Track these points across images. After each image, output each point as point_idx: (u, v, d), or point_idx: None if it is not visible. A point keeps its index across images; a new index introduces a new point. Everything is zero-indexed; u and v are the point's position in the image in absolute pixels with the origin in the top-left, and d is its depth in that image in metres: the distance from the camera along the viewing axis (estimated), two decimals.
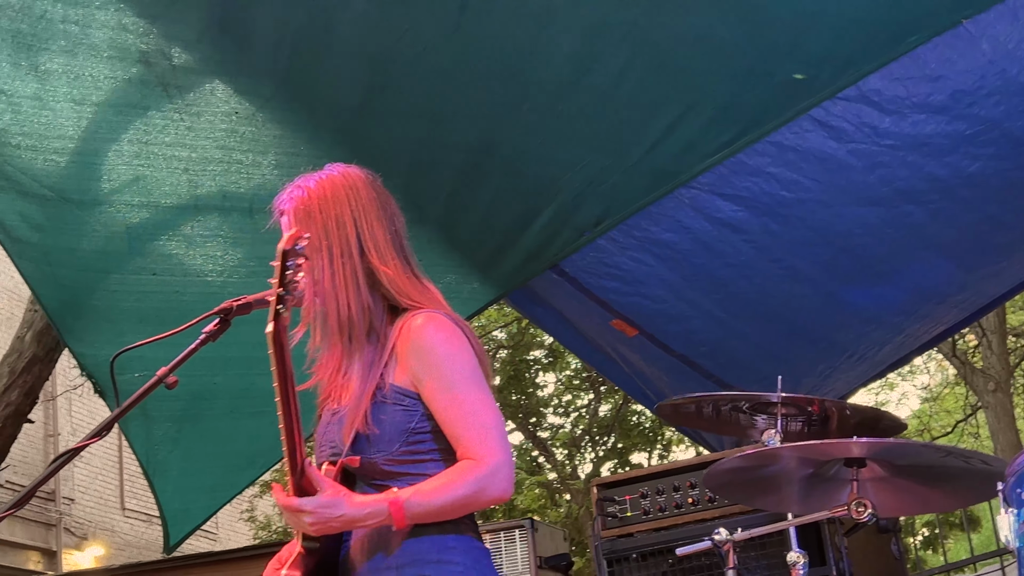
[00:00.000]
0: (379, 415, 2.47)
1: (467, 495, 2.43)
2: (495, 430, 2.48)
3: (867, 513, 3.00)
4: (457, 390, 2.48)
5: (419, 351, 2.49)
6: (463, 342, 2.53)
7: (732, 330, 5.41)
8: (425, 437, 2.49)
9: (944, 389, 18.84)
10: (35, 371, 7.28)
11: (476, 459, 2.43)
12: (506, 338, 17.05)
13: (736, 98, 4.25)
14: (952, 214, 4.86)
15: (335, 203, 2.58)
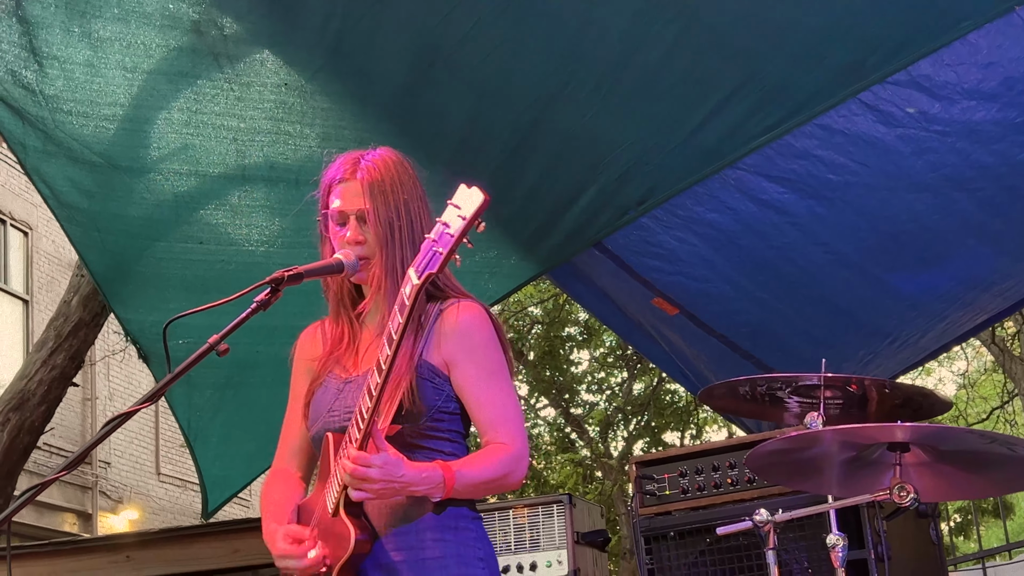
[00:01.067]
0: (420, 390, 2.55)
1: (499, 476, 2.56)
2: (520, 421, 2.65)
3: (909, 498, 3.00)
4: (495, 379, 2.62)
5: (460, 337, 2.60)
6: (497, 335, 2.66)
7: (774, 312, 5.41)
8: (447, 416, 2.61)
9: (981, 376, 18.73)
10: (81, 335, 7.34)
11: (507, 444, 2.57)
12: (541, 314, 17.06)
13: (786, 80, 4.24)
14: (1000, 202, 4.83)
15: (402, 188, 2.67)
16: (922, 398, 3.85)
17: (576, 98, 4.26)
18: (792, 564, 4.01)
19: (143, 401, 2.57)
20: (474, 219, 2.27)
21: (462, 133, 4.40)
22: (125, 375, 18.60)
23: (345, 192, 2.67)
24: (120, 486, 18.70)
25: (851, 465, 3.23)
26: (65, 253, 17.21)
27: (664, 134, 4.41)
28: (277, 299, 2.59)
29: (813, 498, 3.82)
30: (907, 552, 4.20)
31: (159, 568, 5.09)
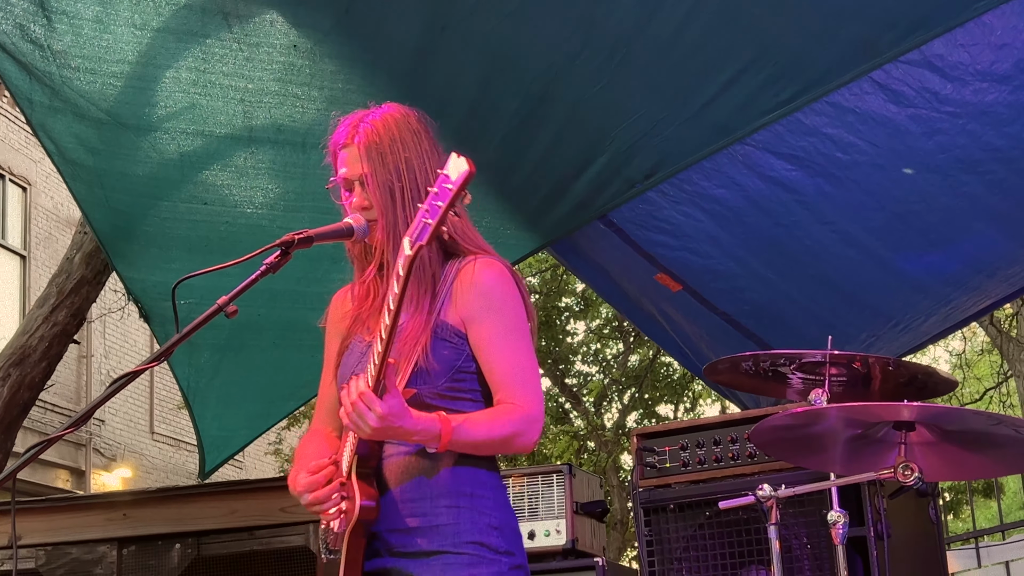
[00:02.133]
0: (436, 350, 2.53)
1: (505, 436, 2.51)
2: (538, 382, 2.60)
3: (914, 477, 3.01)
4: (512, 337, 2.57)
5: (479, 293, 2.56)
6: (519, 292, 2.61)
7: (778, 291, 5.39)
8: (467, 376, 2.57)
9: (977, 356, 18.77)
10: (83, 292, 7.31)
11: (519, 405, 2.52)
12: (539, 283, 17.06)
13: (798, 56, 4.22)
14: (1009, 186, 4.81)
15: (403, 146, 2.62)
16: (926, 377, 3.85)
17: (587, 68, 4.23)
18: (791, 540, 4.02)
19: (151, 360, 2.58)
20: (460, 189, 2.29)
21: (471, 101, 4.37)
22: (121, 333, 18.61)
23: (347, 158, 2.67)
24: (114, 444, 18.74)
25: (855, 443, 3.24)
26: (64, 209, 17.19)
27: (675, 107, 4.38)
28: (287, 262, 2.59)
29: (813, 474, 3.83)
30: (906, 531, 4.22)
31: (156, 527, 5.09)
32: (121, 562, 5.03)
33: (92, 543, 5.07)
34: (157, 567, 5.03)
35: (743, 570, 4.19)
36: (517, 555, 2.53)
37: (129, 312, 7.06)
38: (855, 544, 3.95)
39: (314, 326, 5.15)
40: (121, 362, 18.58)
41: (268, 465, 20.46)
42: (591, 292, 16.78)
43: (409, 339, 2.53)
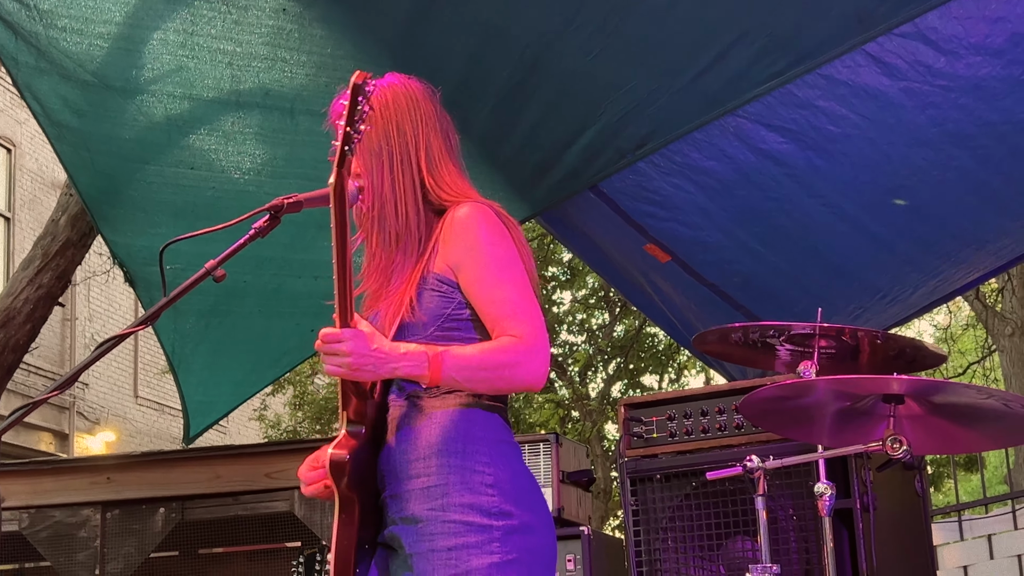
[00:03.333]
0: (421, 302, 2.50)
1: (503, 363, 2.42)
2: (537, 315, 2.50)
3: (902, 450, 3.01)
4: (497, 273, 2.50)
5: (461, 237, 2.52)
6: (505, 233, 2.56)
7: (767, 263, 5.39)
8: (460, 324, 2.51)
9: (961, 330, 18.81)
10: (68, 255, 7.27)
11: (517, 336, 2.44)
12: None
13: (793, 27, 4.20)
14: (1001, 160, 4.81)
15: (396, 111, 2.60)
16: (915, 351, 3.86)
17: (579, 38, 4.20)
18: (777, 511, 4.02)
19: (136, 324, 2.56)
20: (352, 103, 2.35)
21: (462, 70, 4.33)
22: (106, 296, 18.57)
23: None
24: (97, 407, 18.72)
25: (843, 415, 3.24)
26: (49, 171, 17.10)
27: (667, 78, 4.36)
28: (275, 226, 2.56)
29: (800, 446, 3.84)
30: (892, 503, 4.23)
31: (140, 491, 5.10)
32: (105, 525, 5.04)
33: (76, 506, 5.07)
34: (141, 531, 5.03)
35: (729, 541, 4.20)
36: (516, 514, 2.41)
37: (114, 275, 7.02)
38: (841, 516, 3.96)
39: (298, 293, 5.17)
40: (105, 325, 18.54)
41: (252, 431, 20.46)
42: (577, 262, 16.78)
43: (395, 299, 2.51)
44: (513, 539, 2.39)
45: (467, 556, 2.37)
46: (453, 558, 2.37)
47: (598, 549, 4.61)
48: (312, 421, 19.04)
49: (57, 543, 5.04)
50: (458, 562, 2.37)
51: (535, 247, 16.35)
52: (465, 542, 2.38)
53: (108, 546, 4.99)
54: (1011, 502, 8.42)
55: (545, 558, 2.47)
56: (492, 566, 2.36)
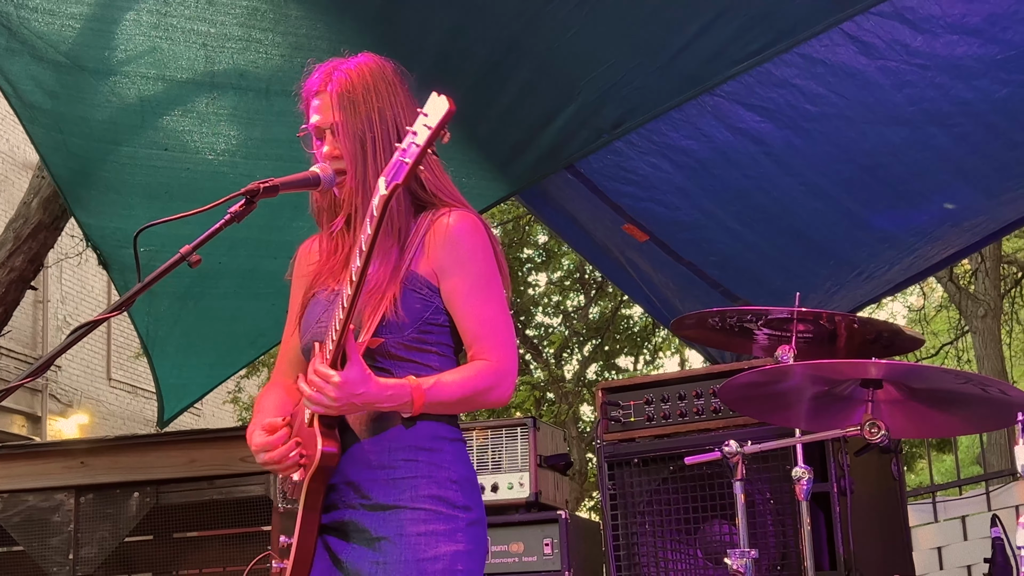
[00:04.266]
0: (405, 302, 2.49)
1: (477, 392, 2.50)
2: (511, 336, 2.57)
3: (880, 434, 3.02)
4: (484, 290, 2.54)
5: (451, 246, 2.52)
6: (490, 247, 2.58)
7: (744, 242, 5.40)
8: (435, 329, 2.53)
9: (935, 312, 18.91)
10: (40, 238, 7.22)
11: (491, 361, 2.51)
12: (501, 234, 17.03)
13: (771, 6, 4.19)
14: (977, 139, 4.83)
15: (377, 96, 2.58)
16: (892, 335, 3.86)
17: (558, 15, 4.18)
18: (754, 495, 4.03)
19: (111, 310, 2.54)
20: (440, 128, 2.24)
21: (441, 48, 4.31)
22: (78, 279, 18.47)
23: (320, 106, 2.61)
24: (71, 390, 18.64)
25: (821, 399, 3.25)
26: (20, 152, 16.96)
27: (645, 56, 4.35)
28: (251, 211, 2.53)
29: (778, 430, 3.85)
30: (869, 486, 4.25)
31: (114, 475, 5.06)
32: (79, 510, 5.01)
33: (49, 491, 5.04)
34: (115, 515, 5.01)
35: (706, 524, 4.21)
36: (474, 510, 2.51)
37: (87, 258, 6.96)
38: (818, 500, 3.98)
39: (274, 274, 5.09)
40: (78, 308, 18.44)
41: (227, 414, 20.41)
42: (553, 244, 16.79)
43: (376, 290, 2.50)
44: (472, 531, 2.50)
45: (435, 542, 2.44)
46: (422, 543, 2.43)
47: (575, 533, 4.62)
48: None
49: (30, 528, 5.01)
50: (427, 547, 2.43)
51: (510, 228, 16.36)
52: (434, 529, 2.44)
53: (82, 531, 4.96)
54: (984, 484, 8.46)
55: (486, 550, 2.59)
56: (457, 553, 2.45)
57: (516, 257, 17.12)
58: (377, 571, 2.42)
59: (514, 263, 17.22)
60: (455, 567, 2.42)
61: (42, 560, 4.99)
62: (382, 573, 2.42)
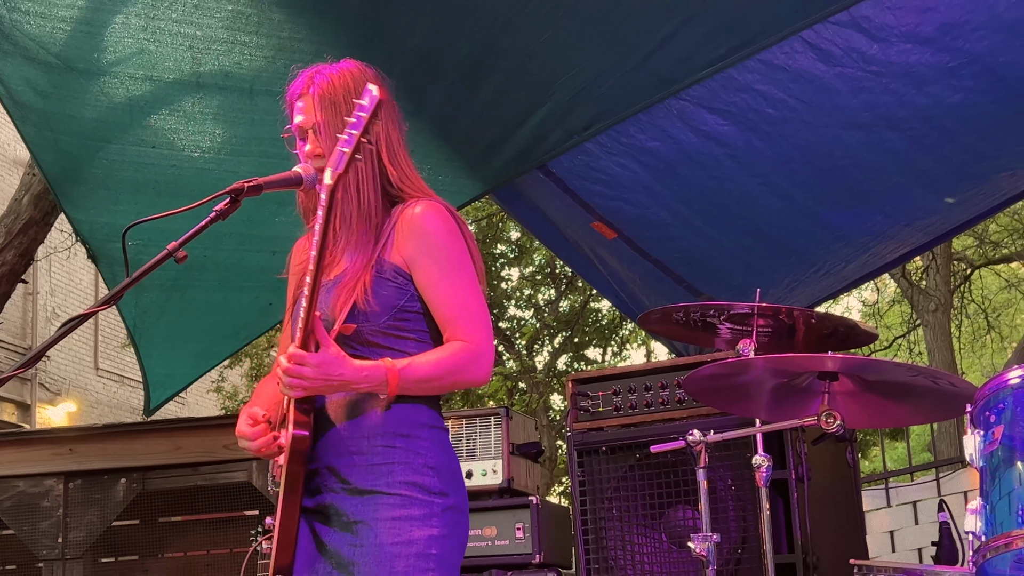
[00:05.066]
0: (376, 290, 2.51)
1: (453, 372, 2.50)
2: (483, 318, 2.56)
3: (836, 424, 3.03)
4: (454, 275, 2.55)
5: (419, 235, 2.54)
6: (459, 233, 2.58)
7: (707, 239, 5.42)
8: (411, 316, 2.54)
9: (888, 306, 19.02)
10: (31, 233, 7.19)
11: (465, 341, 2.51)
12: (475, 231, 17.02)
13: (735, 12, 4.20)
14: (930, 143, 4.86)
15: (357, 98, 2.57)
16: (848, 330, 3.89)
17: (533, 19, 4.17)
18: (716, 481, 4.05)
19: (100, 304, 2.54)
20: (371, 115, 2.34)
21: (419, 50, 4.29)
22: (67, 272, 18.35)
23: (303, 108, 2.64)
24: (59, 379, 18.53)
25: (780, 391, 3.26)
26: (11, 150, 16.83)
27: (616, 60, 4.35)
28: (236, 209, 2.55)
29: (739, 420, 3.87)
30: (825, 474, 4.27)
31: (101, 462, 5.06)
32: (67, 495, 5.00)
33: (39, 476, 5.03)
34: (103, 500, 5.00)
35: (670, 510, 4.22)
36: (452, 495, 2.50)
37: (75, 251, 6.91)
38: (777, 486, 4.00)
39: (257, 268, 5.11)
40: (67, 300, 18.33)
41: (211, 402, 20.31)
42: (525, 240, 16.77)
43: (350, 280, 2.52)
44: (448, 516, 2.48)
45: (410, 527, 2.43)
46: (397, 527, 2.43)
47: (546, 518, 4.62)
48: None
49: (20, 512, 4.99)
50: (402, 531, 2.43)
51: (484, 225, 16.34)
52: (410, 514, 2.44)
53: (71, 515, 4.95)
54: (935, 470, 8.52)
55: (466, 534, 2.57)
56: (431, 538, 2.44)
57: (490, 253, 17.10)
58: (354, 554, 2.43)
59: (488, 258, 17.20)
60: (429, 551, 2.42)
61: (32, 543, 4.97)
62: (359, 556, 2.42)
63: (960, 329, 16.75)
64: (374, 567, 2.40)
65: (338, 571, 2.44)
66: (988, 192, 5.31)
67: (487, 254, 16.84)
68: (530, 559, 4.55)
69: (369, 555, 2.41)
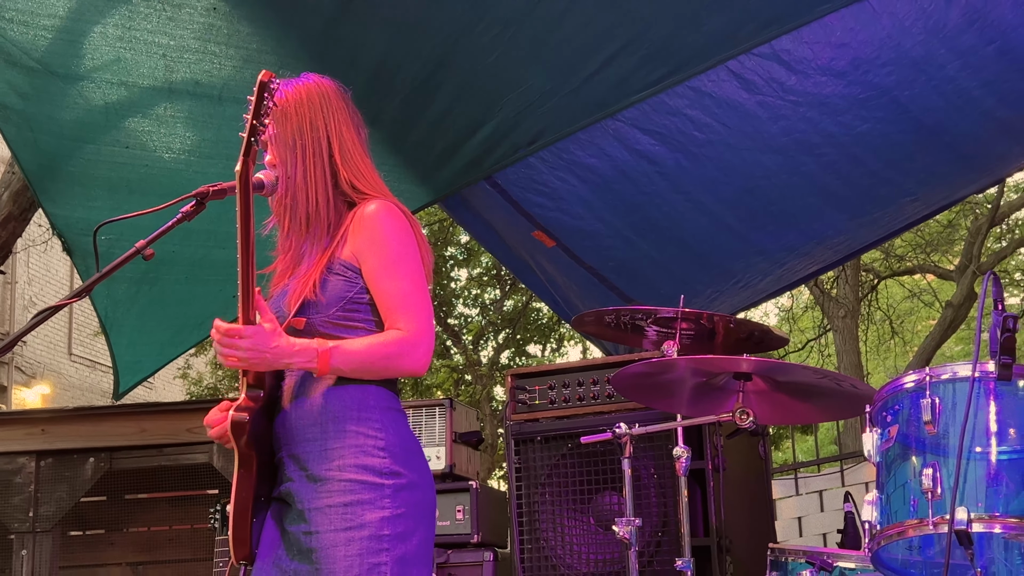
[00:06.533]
0: (325, 284, 2.48)
1: (386, 356, 2.43)
2: (424, 310, 2.50)
3: (749, 420, 3.06)
4: (396, 269, 2.50)
5: (367, 230, 2.51)
6: (408, 230, 2.55)
7: (638, 250, 5.42)
8: (360, 307, 2.50)
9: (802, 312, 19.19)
10: (10, 227, 7.08)
11: (402, 330, 2.45)
12: (428, 234, 16.97)
13: (667, 42, 4.21)
14: (841, 167, 4.90)
15: (309, 107, 2.58)
16: (762, 334, 3.92)
17: (482, 41, 4.16)
18: (641, 470, 4.06)
19: (72, 296, 2.51)
20: (257, 100, 2.35)
21: (375, 65, 4.27)
22: (44, 263, 18.09)
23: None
24: (34, 363, 18.25)
25: (699, 389, 3.28)
26: None
27: (557, 81, 4.34)
28: (201, 211, 2.54)
29: (662, 415, 3.88)
30: (739, 464, 4.30)
31: (71, 442, 5.01)
32: (39, 472, 4.96)
33: (12, 455, 4.98)
34: (72, 478, 4.96)
35: (598, 495, 4.24)
36: (405, 474, 2.41)
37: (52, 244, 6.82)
38: (695, 475, 4.03)
39: (222, 263, 5.06)
40: (43, 289, 18.06)
41: (177, 388, 20.09)
42: (473, 244, 16.75)
43: (303, 279, 2.50)
44: (401, 495, 2.40)
45: (361, 511, 2.37)
46: (349, 513, 2.37)
47: (484, 501, 4.63)
48: (231, 379, 18.73)
49: None
50: (353, 516, 2.37)
51: (436, 229, 16.30)
52: (360, 499, 2.38)
53: (42, 491, 4.90)
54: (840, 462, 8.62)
55: (427, 510, 2.48)
56: (383, 520, 2.37)
57: (440, 255, 17.07)
58: (311, 541, 2.38)
59: (438, 260, 17.18)
60: (381, 532, 2.36)
61: (4, 517, 4.91)
62: (314, 542, 2.37)
63: (867, 334, 16.95)
64: (330, 552, 2.35)
65: (298, 559, 2.40)
66: (893, 215, 5.37)
67: (438, 256, 16.81)
68: (469, 539, 4.55)
69: (325, 541, 2.36)
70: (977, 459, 2.34)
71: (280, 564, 2.42)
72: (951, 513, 2.26)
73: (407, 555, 2.37)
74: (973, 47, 4.36)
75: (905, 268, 16.96)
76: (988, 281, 2.33)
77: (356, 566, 2.33)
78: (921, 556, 2.54)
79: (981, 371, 2.35)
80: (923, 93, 4.56)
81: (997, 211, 15.16)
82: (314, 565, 2.36)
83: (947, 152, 4.90)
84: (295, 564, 2.40)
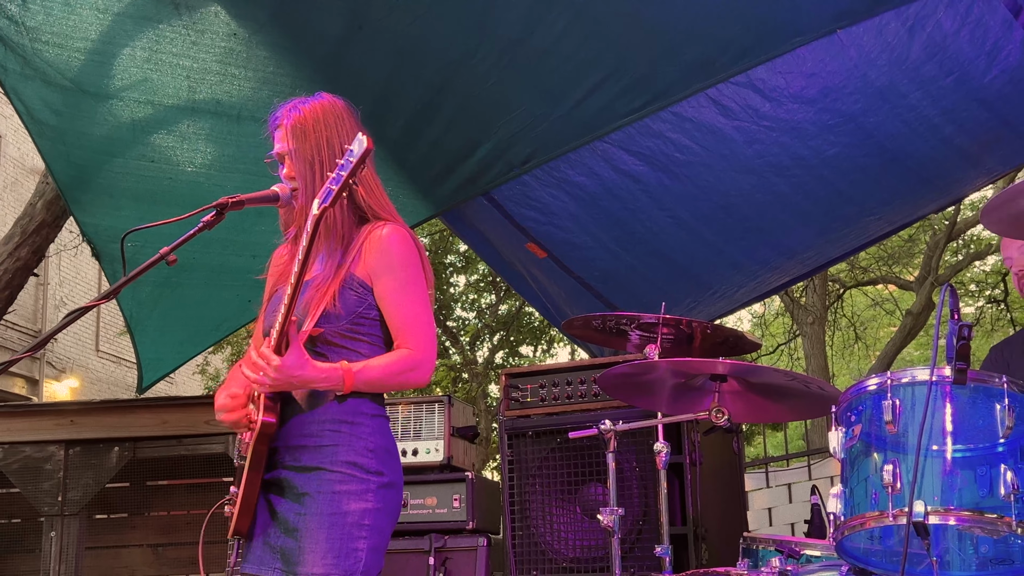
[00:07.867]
0: (342, 297, 2.51)
1: (399, 373, 2.51)
2: (428, 331, 2.57)
3: (724, 419, 3.06)
4: (408, 291, 2.55)
5: (382, 253, 2.54)
6: (416, 254, 2.59)
7: (622, 262, 5.43)
8: (367, 322, 2.54)
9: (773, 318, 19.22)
10: (43, 233, 7.07)
11: (412, 349, 2.52)
12: (429, 243, 16.97)
13: (650, 71, 4.21)
14: (810, 188, 4.92)
15: (325, 126, 2.59)
16: (736, 339, 3.91)
17: (480, 67, 4.17)
18: (624, 464, 4.07)
19: (100, 298, 2.53)
20: (360, 162, 2.36)
21: (381, 88, 4.27)
22: (74, 267, 18.05)
23: (279, 136, 2.64)
24: (64, 358, 18.21)
25: (678, 389, 3.28)
26: (29, 159, 16.54)
27: (549, 106, 4.35)
28: (221, 220, 2.54)
29: (644, 412, 3.88)
30: (715, 459, 4.31)
31: (97, 432, 5.00)
32: (67, 460, 4.95)
33: (43, 443, 4.97)
34: (98, 465, 4.95)
35: (584, 487, 4.24)
36: (387, 475, 2.50)
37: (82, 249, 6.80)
38: (674, 469, 4.03)
39: (239, 270, 5.06)
40: (73, 291, 18.02)
41: (196, 383, 20.05)
42: (471, 252, 16.74)
43: (321, 286, 2.51)
44: (383, 492, 2.49)
45: (348, 500, 2.45)
46: (337, 499, 2.45)
47: (479, 491, 4.62)
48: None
49: (26, 474, 4.93)
50: (340, 503, 2.44)
51: (437, 239, 16.29)
52: (348, 489, 2.45)
53: (70, 478, 4.89)
54: (807, 457, 8.63)
55: (398, 507, 2.57)
56: (366, 510, 2.45)
57: (440, 262, 17.05)
58: (299, 521, 2.45)
59: (439, 267, 17.17)
60: (363, 521, 2.43)
61: (35, 501, 4.90)
62: (302, 523, 2.44)
63: (833, 339, 16.99)
64: (315, 532, 2.42)
65: (286, 535, 2.46)
66: (858, 231, 5.38)
67: (438, 263, 16.80)
68: (464, 525, 4.54)
69: (311, 522, 2.43)
70: (934, 456, 2.34)
71: (269, 541, 2.49)
72: (909, 506, 2.26)
73: (379, 546, 2.46)
74: (933, 78, 4.38)
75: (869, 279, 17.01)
76: (945, 292, 2.33)
77: (336, 548, 2.40)
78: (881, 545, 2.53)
79: (938, 375, 2.35)
80: (887, 120, 4.58)
81: (954, 227, 15.21)
82: (299, 543, 2.43)
83: (909, 175, 4.92)
84: (282, 540, 2.46)
